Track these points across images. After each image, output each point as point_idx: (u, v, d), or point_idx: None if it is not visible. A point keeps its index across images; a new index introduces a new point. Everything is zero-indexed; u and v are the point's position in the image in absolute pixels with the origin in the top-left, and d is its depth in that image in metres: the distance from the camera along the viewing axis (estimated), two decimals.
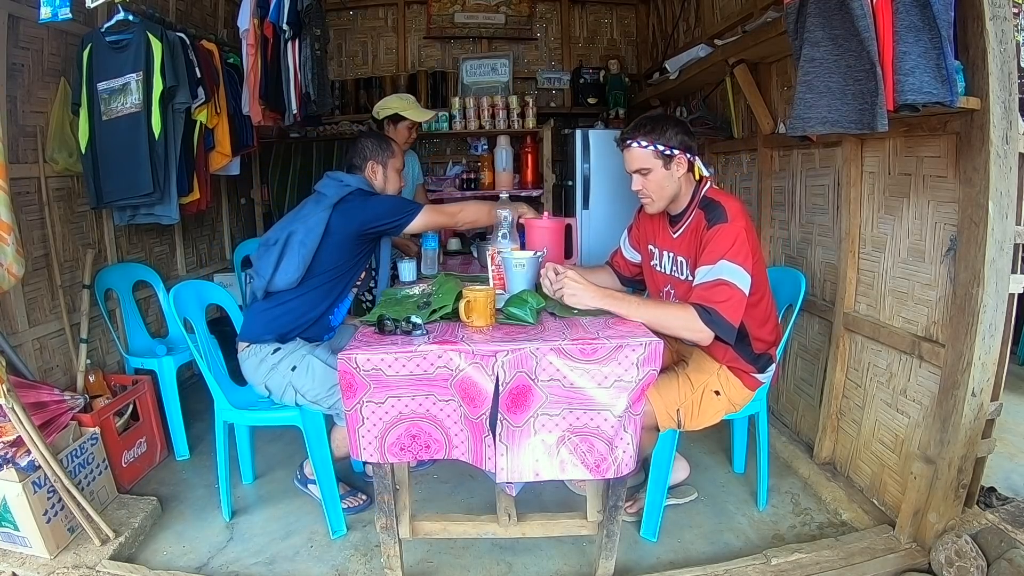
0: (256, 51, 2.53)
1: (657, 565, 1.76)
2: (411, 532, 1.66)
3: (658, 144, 1.62)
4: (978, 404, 1.59)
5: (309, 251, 1.83)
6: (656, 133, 1.62)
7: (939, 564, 1.59)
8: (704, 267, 1.56)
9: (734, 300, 1.52)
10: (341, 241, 1.87)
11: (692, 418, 1.70)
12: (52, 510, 1.72)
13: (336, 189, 1.90)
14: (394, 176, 2.09)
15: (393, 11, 4.13)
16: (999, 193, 1.48)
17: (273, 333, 1.85)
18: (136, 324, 2.64)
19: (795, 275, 2.00)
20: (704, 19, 3.14)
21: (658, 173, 1.65)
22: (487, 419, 1.40)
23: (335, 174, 1.98)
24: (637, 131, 1.65)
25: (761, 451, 1.96)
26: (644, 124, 1.65)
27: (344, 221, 1.86)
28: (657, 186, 1.67)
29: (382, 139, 2.10)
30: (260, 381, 1.87)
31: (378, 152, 2.05)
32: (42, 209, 2.20)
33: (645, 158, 1.64)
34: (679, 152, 1.63)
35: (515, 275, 1.73)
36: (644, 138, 1.63)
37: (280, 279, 1.84)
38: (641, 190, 1.70)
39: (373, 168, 2.04)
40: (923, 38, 1.34)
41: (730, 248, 1.54)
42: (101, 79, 2.21)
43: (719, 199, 1.64)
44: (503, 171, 3.63)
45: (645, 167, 1.65)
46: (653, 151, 1.63)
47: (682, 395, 1.69)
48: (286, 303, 1.87)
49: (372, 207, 1.90)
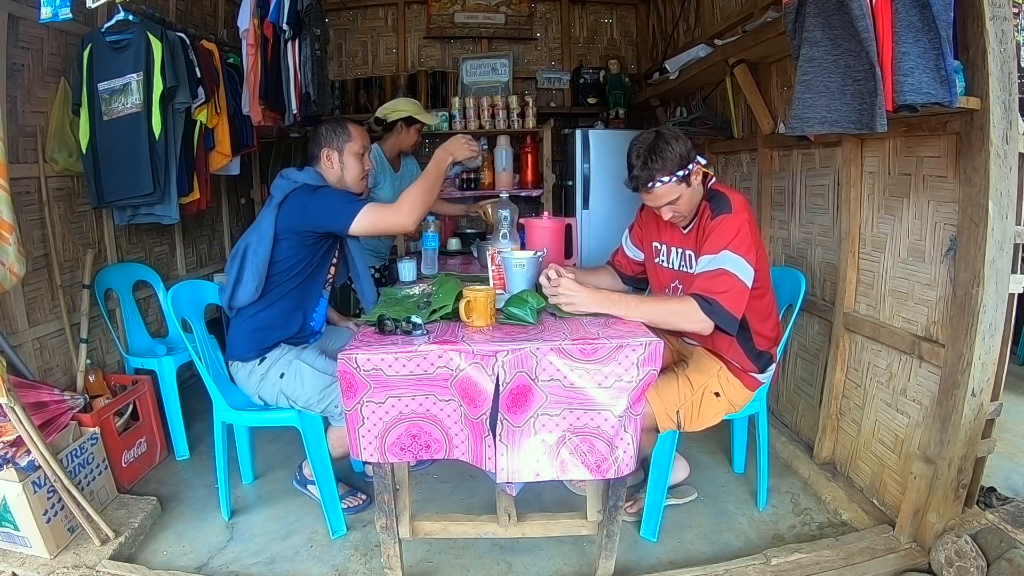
0: (256, 51, 2.53)
1: (657, 565, 1.76)
2: (411, 532, 1.66)
3: (676, 172, 1.58)
4: (978, 404, 1.59)
5: (263, 259, 1.77)
6: (668, 162, 1.57)
7: (939, 564, 1.59)
8: (706, 256, 1.57)
9: (735, 291, 1.53)
10: (293, 243, 1.78)
11: (692, 420, 1.70)
12: (52, 510, 1.72)
13: (282, 188, 1.81)
14: (352, 161, 1.94)
15: (393, 11, 4.13)
16: (999, 193, 1.48)
17: (254, 349, 1.83)
18: (136, 324, 2.64)
19: (795, 275, 2.00)
20: (704, 19, 3.14)
21: (684, 195, 1.62)
22: (487, 419, 1.40)
23: (286, 171, 1.87)
24: (651, 170, 1.57)
25: (761, 451, 1.96)
26: (651, 159, 1.57)
27: (288, 220, 1.77)
28: (687, 205, 1.65)
29: (337, 125, 1.95)
30: (253, 392, 1.87)
31: (332, 138, 1.92)
32: (42, 209, 2.20)
33: (671, 191, 1.60)
34: (692, 165, 1.62)
35: (515, 275, 1.73)
36: (663, 174, 1.57)
37: (241, 294, 1.79)
38: (672, 216, 1.67)
39: (328, 155, 1.91)
40: (922, 38, 1.34)
41: (733, 238, 1.54)
42: (102, 79, 2.21)
43: (725, 191, 1.65)
44: (503, 171, 3.63)
45: (673, 197, 1.61)
46: (675, 180, 1.58)
47: (682, 396, 1.69)
48: (257, 315, 1.83)
49: (313, 205, 1.76)
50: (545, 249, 2.00)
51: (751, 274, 1.55)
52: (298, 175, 1.85)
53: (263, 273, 1.78)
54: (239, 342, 1.85)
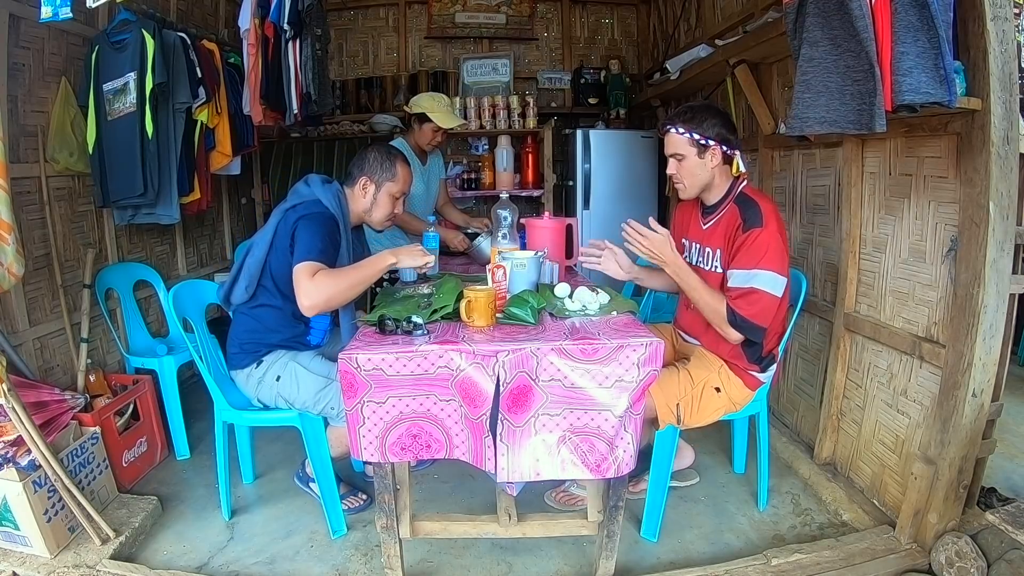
0: (257, 51, 2.53)
1: (657, 565, 1.76)
2: (411, 532, 1.66)
3: (694, 132, 1.66)
4: (979, 405, 1.59)
5: (257, 260, 1.77)
6: (695, 122, 1.66)
7: (939, 565, 1.59)
8: (738, 271, 1.60)
9: (763, 304, 1.58)
10: (287, 254, 1.73)
11: (692, 414, 1.70)
12: (52, 509, 1.72)
13: (299, 194, 1.81)
14: (386, 201, 1.88)
15: (394, 11, 4.13)
16: (1000, 193, 1.48)
17: (249, 354, 1.84)
18: (137, 324, 2.64)
19: (795, 275, 2.00)
20: (705, 19, 3.14)
21: (691, 160, 1.69)
22: (487, 420, 1.40)
23: (311, 178, 1.84)
24: (677, 117, 1.69)
25: (761, 452, 1.96)
26: (686, 112, 1.69)
27: (286, 231, 1.74)
28: (689, 172, 1.71)
29: (387, 159, 1.88)
30: (252, 396, 1.88)
31: (377, 169, 1.86)
32: (43, 208, 2.20)
33: (681, 144, 1.69)
34: (715, 143, 1.67)
35: (516, 275, 1.73)
36: (683, 125, 1.67)
37: (236, 291, 1.81)
38: (675, 174, 1.75)
39: (365, 185, 1.87)
40: (921, 38, 1.34)
41: (764, 254, 1.58)
42: (106, 79, 2.23)
43: (755, 197, 1.68)
44: (504, 171, 3.63)
45: (680, 152, 1.70)
46: (689, 139, 1.67)
47: (682, 390, 1.70)
48: (252, 314, 1.83)
49: (300, 228, 1.71)
50: (546, 249, 2.00)
51: (783, 284, 1.60)
52: (319, 188, 1.81)
53: (255, 274, 1.79)
54: (235, 350, 1.86)
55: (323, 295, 1.59)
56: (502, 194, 2.30)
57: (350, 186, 1.89)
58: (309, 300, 1.58)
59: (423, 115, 2.63)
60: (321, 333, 1.94)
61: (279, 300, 1.81)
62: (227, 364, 1.90)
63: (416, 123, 2.67)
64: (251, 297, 1.82)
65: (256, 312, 1.84)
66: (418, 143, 2.70)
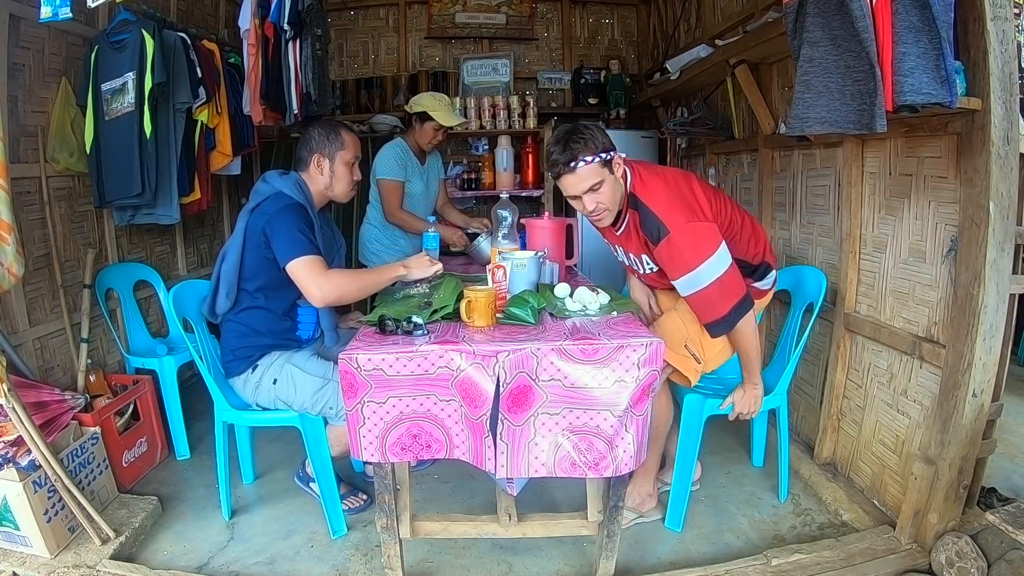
0: (257, 51, 2.53)
1: (658, 565, 1.76)
2: (412, 532, 1.66)
3: (600, 153, 1.55)
4: (979, 405, 1.59)
5: (232, 265, 1.76)
6: (590, 145, 1.54)
7: (939, 565, 1.59)
8: (679, 281, 1.58)
9: (722, 291, 1.56)
10: (261, 250, 1.73)
11: (702, 350, 1.71)
12: (52, 510, 1.72)
13: (260, 193, 1.79)
14: (344, 171, 1.88)
15: (394, 11, 4.12)
16: (1000, 193, 1.48)
17: (243, 360, 1.83)
18: (137, 324, 2.64)
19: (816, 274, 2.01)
20: (705, 19, 3.14)
21: (607, 182, 1.58)
22: (487, 420, 1.40)
23: (268, 175, 1.83)
24: (573, 151, 1.54)
25: (782, 444, 2.01)
26: (573, 141, 1.55)
27: (256, 227, 1.73)
28: (610, 196, 1.61)
29: (331, 130, 1.88)
30: (251, 400, 1.88)
31: (324, 143, 1.85)
32: (43, 209, 2.20)
33: (593, 173, 1.56)
34: (613, 152, 1.59)
35: (516, 275, 1.74)
36: (585, 154, 1.54)
37: (219, 302, 1.80)
38: (595, 208, 1.61)
39: (319, 162, 1.85)
40: (922, 39, 1.34)
41: (688, 253, 1.54)
42: (105, 79, 2.22)
43: (643, 199, 1.60)
44: (504, 171, 3.63)
45: (595, 182, 1.57)
46: (598, 162, 1.55)
47: (684, 331, 1.70)
48: (241, 319, 1.82)
49: (273, 223, 1.71)
50: (546, 249, 2.00)
51: (724, 255, 1.55)
52: (277, 181, 1.80)
53: (233, 281, 1.78)
54: (229, 358, 1.85)
55: (336, 292, 1.70)
56: (502, 194, 2.30)
57: (304, 170, 1.88)
58: (321, 292, 1.68)
59: (424, 114, 2.61)
60: (310, 326, 1.93)
61: (261, 300, 1.81)
62: (224, 373, 1.89)
63: (416, 122, 2.66)
64: (234, 304, 1.81)
65: (242, 316, 1.83)
66: (418, 143, 2.69)
